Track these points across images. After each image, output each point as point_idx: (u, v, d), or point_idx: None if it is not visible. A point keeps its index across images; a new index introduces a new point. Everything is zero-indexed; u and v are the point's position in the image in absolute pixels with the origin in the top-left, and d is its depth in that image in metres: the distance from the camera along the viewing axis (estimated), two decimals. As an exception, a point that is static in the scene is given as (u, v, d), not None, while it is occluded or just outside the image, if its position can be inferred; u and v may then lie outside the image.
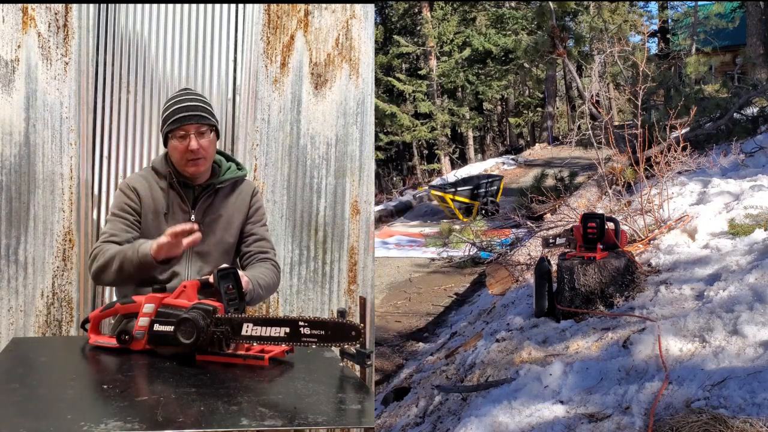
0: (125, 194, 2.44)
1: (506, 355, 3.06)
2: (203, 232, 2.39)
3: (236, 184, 2.55)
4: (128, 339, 2.07)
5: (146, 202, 2.43)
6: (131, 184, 2.45)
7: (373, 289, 3.38)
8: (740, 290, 2.77)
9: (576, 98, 19.75)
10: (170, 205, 2.44)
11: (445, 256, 8.30)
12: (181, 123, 2.37)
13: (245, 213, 2.55)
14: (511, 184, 12.97)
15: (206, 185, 2.48)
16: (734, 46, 17.89)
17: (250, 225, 2.56)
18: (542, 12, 9.17)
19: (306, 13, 3.28)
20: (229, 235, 2.52)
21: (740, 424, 1.87)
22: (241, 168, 2.59)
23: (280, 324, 1.91)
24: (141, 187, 2.44)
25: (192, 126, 2.37)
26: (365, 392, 1.82)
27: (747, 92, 7.92)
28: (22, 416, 1.56)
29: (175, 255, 2.27)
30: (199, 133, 2.38)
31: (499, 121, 24.20)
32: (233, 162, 2.59)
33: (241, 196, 2.55)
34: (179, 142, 2.37)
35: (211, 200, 2.49)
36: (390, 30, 20.23)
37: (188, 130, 2.37)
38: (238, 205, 2.54)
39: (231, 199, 2.52)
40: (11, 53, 3.04)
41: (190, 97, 2.45)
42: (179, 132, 2.37)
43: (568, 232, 3.70)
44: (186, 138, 2.37)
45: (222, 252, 2.50)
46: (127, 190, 2.44)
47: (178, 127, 2.37)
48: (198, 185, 2.47)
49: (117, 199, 2.47)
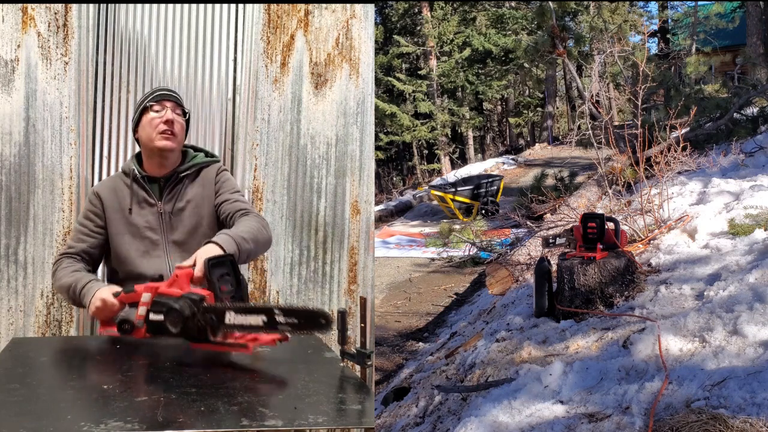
0: (89, 201, 2.55)
1: (506, 355, 3.06)
2: (173, 222, 2.47)
3: (201, 170, 2.58)
4: (129, 328, 2.12)
5: (110, 203, 2.49)
6: (95, 189, 2.56)
7: (373, 289, 3.38)
8: (740, 290, 2.77)
9: (576, 98, 19.74)
10: (136, 201, 2.49)
11: (445, 256, 8.30)
12: (161, 98, 2.49)
13: (212, 191, 2.55)
14: (511, 184, 12.98)
15: (170, 175, 2.51)
16: (734, 46, 17.87)
17: (219, 197, 2.55)
18: (542, 12, 9.15)
19: (306, 13, 3.27)
20: (201, 219, 2.51)
21: (740, 424, 1.87)
22: (210, 155, 2.63)
23: (258, 312, 1.94)
24: (104, 190, 2.53)
25: (170, 102, 2.50)
26: (365, 392, 1.82)
27: (747, 92, 7.90)
28: (22, 416, 1.56)
29: (109, 317, 2.28)
30: (174, 112, 2.49)
31: (499, 121, 24.21)
32: (202, 152, 2.64)
33: (206, 178, 2.57)
34: (156, 114, 2.46)
35: (178, 189, 2.51)
36: (390, 30, 20.23)
37: (165, 104, 2.48)
38: (203, 186, 2.55)
39: (196, 182, 2.54)
40: (11, 53, 3.04)
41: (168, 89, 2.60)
42: (156, 105, 2.47)
43: (568, 232, 3.70)
44: (163, 110, 2.47)
45: (200, 238, 2.46)
46: (91, 196, 2.56)
47: (158, 102, 2.47)
48: (163, 177, 2.51)
49: (84, 206, 2.61)
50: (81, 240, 2.51)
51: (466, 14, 19.49)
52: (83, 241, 2.50)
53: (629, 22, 15.71)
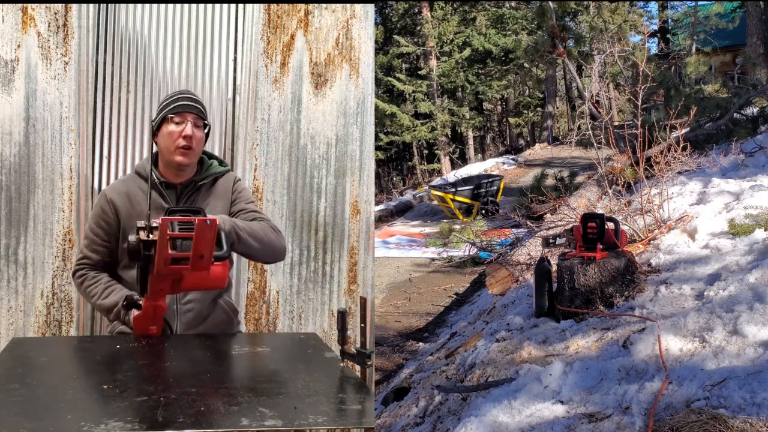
0: (101, 208, 2.49)
1: (506, 355, 3.06)
2: None
3: (217, 179, 2.58)
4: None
5: (124, 209, 2.46)
6: (108, 195, 2.50)
7: (373, 289, 3.38)
8: (740, 290, 2.77)
9: (576, 98, 19.75)
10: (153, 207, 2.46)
11: (445, 256, 8.30)
12: (183, 109, 2.44)
13: (229, 200, 2.56)
14: (511, 184, 12.98)
15: (188, 183, 2.51)
16: (734, 46, 17.88)
17: (235, 206, 2.55)
18: (542, 12, 9.15)
19: (306, 13, 3.27)
20: None
21: (740, 424, 1.87)
22: (223, 164, 2.63)
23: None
24: (117, 195, 2.49)
25: (191, 115, 2.44)
26: (365, 392, 1.82)
27: (747, 92, 7.90)
28: (22, 416, 1.56)
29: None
30: (195, 125, 2.45)
31: (499, 121, 24.22)
32: (215, 159, 2.63)
33: (223, 187, 2.57)
34: (176, 127, 2.42)
35: (194, 198, 2.51)
36: (390, 30, 20.23)
37: (186, 117, 2.43)
38: (220, 195, 2.55)
39: (212, 191, 2.54)
40: (11, 53, 3.04)
41: (191, 95, 2.53)
42: (177, 117, 2.43)
43: (568, 232, 3.70)
44: (183, 123, 2.42)
45: None
46: (102, 202, 2.50)
47: (178, 113, 2.43)
48: (180, 184, 2.50)
49: (94, 210, 2.54)
50: (96, 251, 2.49)
51: (466, 14, 19.49)
52: (98, 252, 2.49)
53: (629, 22, 15.71)
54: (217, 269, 2.12)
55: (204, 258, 2.02)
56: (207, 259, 2.03)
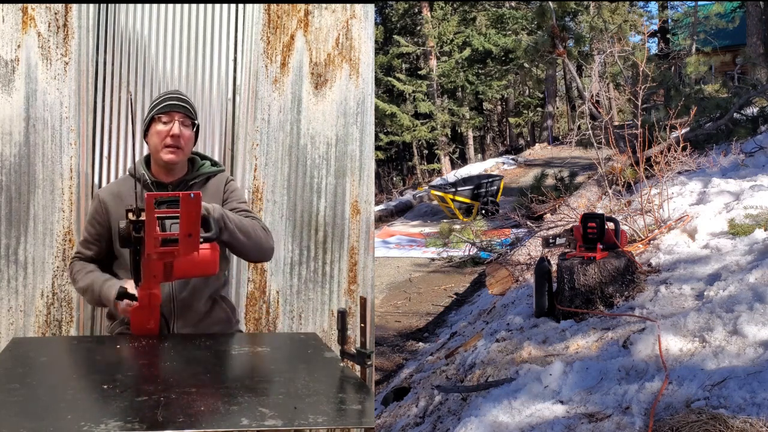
0: (93, 207, 2.59)
1: (506, 355, 3.06)
2: None
3: (209, 179, 2.61)
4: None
5: (115, 210, 2.51)
6: (101, 195, 2.58)
7: (373, 289, 3.38)
8: (740, 290, 2.77)
9: (576, 98, 19.75)
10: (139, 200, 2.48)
11: (445, 256, 8.30)
12: (170, 109, 2.49)
13: (220, 199, 2.58)
14: (511, 184, 12.98)
15: (179, 182, 2.53)
16: (734, 46, 17.88)
17: (227, 206, 2.56)
18: (542, 12, 9.15)
19: (306, 13, 3.27)
20: None
21: (740, 424, 1.87)
22: (216, 164, 2.66)
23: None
24: (108, 195, 2.55)
25: (178, 114, 2.49)
26: (365, 392, 1.82)
27: (747, 92, 7.90)
28: (22, 416, 1.56)
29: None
30: (183, 124, 2.49)
31: (499, 121, 24.22)
32: (208, 159, 2.66)
33: (214, 186, 2.60)
34: (163, 126, 2.48)
35: None
36: (390, 30, 20.23)
37: (173, 116, 2.48)
38: (211, 194, 2.57)
39: (204, 191, 2.56)
40: (11, 53, 3.04)
41: (180, 95, 2.59)
42: (165, 117, 2.48)
43: (568, 232, 3.70)
44: (170, 123, 2.47)
45: None
46: (95, 201, 2.59)
47: (166, 113, 2.48)
48: (171, 183, 2.52)
49: (90, 208, 2.63)
50: (88, 248, 2.59)
51: (466, 14, 19.49)
52: (90, 249, 2.59)
53: (629, 22, 15.71)
54: (206, 252, 2.16)
55: (192, 237, 2.05)
56: (195, 239, 2.06)
